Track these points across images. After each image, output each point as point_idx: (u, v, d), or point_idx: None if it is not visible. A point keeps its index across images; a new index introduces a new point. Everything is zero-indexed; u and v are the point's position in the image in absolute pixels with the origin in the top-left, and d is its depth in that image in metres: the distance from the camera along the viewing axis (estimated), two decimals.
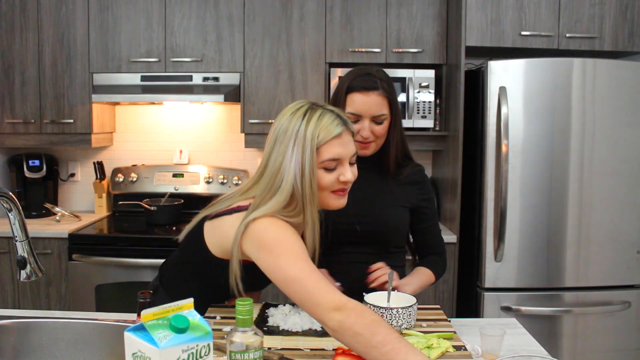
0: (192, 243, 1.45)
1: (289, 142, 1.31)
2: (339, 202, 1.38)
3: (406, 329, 1.37)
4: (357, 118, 1.58)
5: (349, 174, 1.35)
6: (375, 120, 1.59)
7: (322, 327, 1.37)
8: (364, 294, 1.46)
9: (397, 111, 1.64)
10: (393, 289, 1.49)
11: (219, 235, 1.37)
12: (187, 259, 1.51)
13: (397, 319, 1.36)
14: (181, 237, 1.51)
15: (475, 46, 2.76)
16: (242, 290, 1.34)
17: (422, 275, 1.67)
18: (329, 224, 1.59)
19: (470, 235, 2.85)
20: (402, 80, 2.94)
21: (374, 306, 1.38)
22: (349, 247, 1.63)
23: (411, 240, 1.80)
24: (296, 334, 1.36)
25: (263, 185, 1.33)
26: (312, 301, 1.18)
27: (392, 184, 1.68)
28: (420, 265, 1.73)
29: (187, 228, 1.48)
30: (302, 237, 1.33)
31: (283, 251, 1.24)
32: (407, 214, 1.70)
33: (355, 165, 1.39)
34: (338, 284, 1.51)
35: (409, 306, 1.38)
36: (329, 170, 1.33)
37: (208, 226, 1.41)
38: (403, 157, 1.70)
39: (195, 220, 1.47)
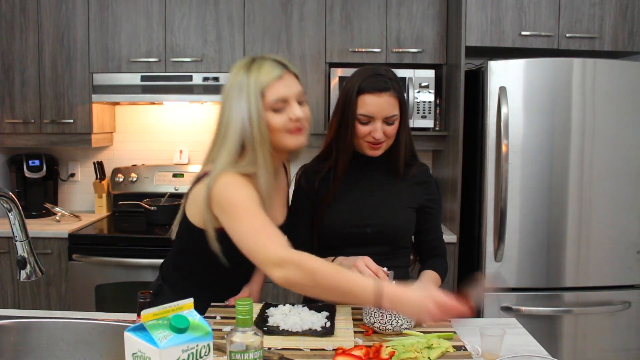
0: (183, 230, 1.50)
1: (234, 95, 1.37)
2: (295, 140, 1.42)
3: (406, 329, 1.37)
4: (369, 119, 1.57)
5: (298, 110, 1.40)
6: (387, 121, 1.57)
7: (322, 327, 1.37)
8: None
9: (407, 111, 1.63)
10: None
11: (196, 206, 1.42)
12: (183, 247, 1.54)
13: (397, 319, 1.36)
14: (172, 234, 1.55)
15: (475, 46, 2.76)
16: (222, 256, 1.38)
17: (431, 281, 1.65)
18: (339, 228, 1.61)
19: (470, 235, 2.85)
20: (402, 80, 2.93)
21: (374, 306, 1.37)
22: (357, 249, 1.61)
23: (412, 240, 1.79)
24: (296, 334, 1.36)
25: (219, 142, 1.40)
26: (256, 258, 1.24)
27: (400, 185, 1.68)
28: (426, 269, 1.71)
29: (175, 222, 1.54)
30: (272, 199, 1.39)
31: (235, 211, 1.30)
32: (414, 214, 1.69)
33: (306, 105, 1.44)
34: (385, 269, 1.49)
35: None
36: (277, 111, 1.38)
37: (188, 204, 1.46)
38: (410, 156, 1.70)
39: (180, 211, 1.52)
